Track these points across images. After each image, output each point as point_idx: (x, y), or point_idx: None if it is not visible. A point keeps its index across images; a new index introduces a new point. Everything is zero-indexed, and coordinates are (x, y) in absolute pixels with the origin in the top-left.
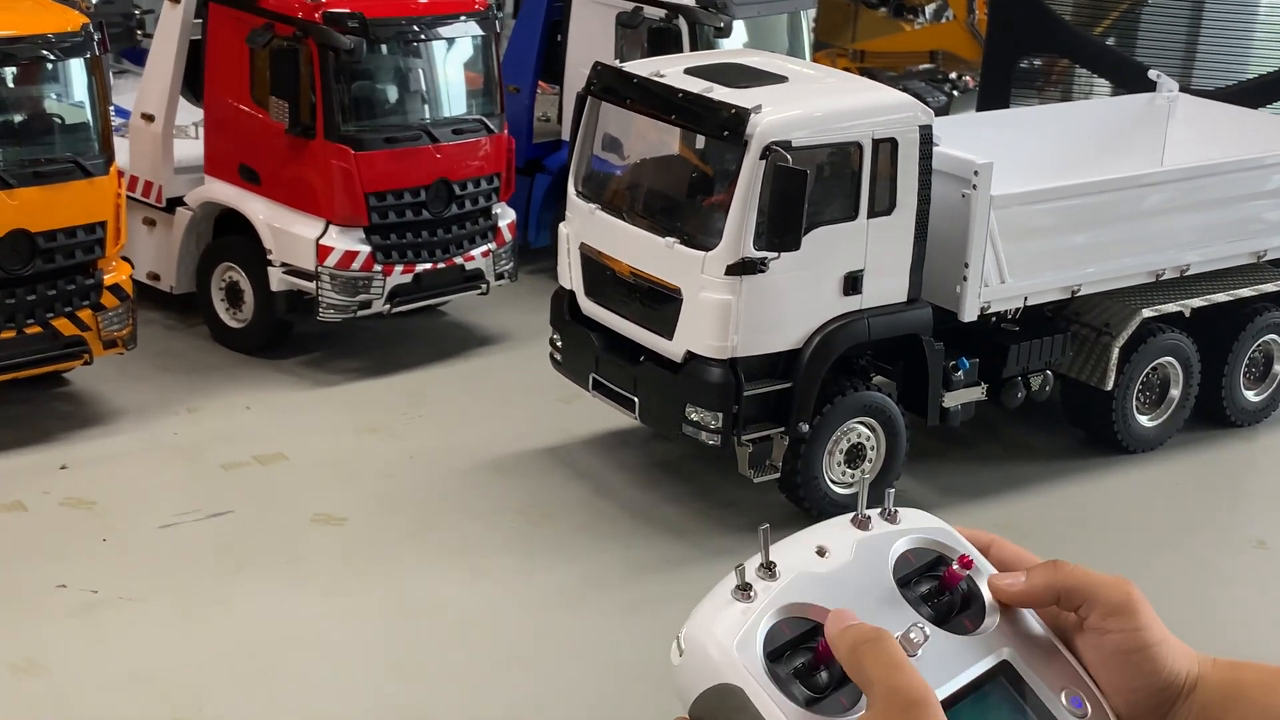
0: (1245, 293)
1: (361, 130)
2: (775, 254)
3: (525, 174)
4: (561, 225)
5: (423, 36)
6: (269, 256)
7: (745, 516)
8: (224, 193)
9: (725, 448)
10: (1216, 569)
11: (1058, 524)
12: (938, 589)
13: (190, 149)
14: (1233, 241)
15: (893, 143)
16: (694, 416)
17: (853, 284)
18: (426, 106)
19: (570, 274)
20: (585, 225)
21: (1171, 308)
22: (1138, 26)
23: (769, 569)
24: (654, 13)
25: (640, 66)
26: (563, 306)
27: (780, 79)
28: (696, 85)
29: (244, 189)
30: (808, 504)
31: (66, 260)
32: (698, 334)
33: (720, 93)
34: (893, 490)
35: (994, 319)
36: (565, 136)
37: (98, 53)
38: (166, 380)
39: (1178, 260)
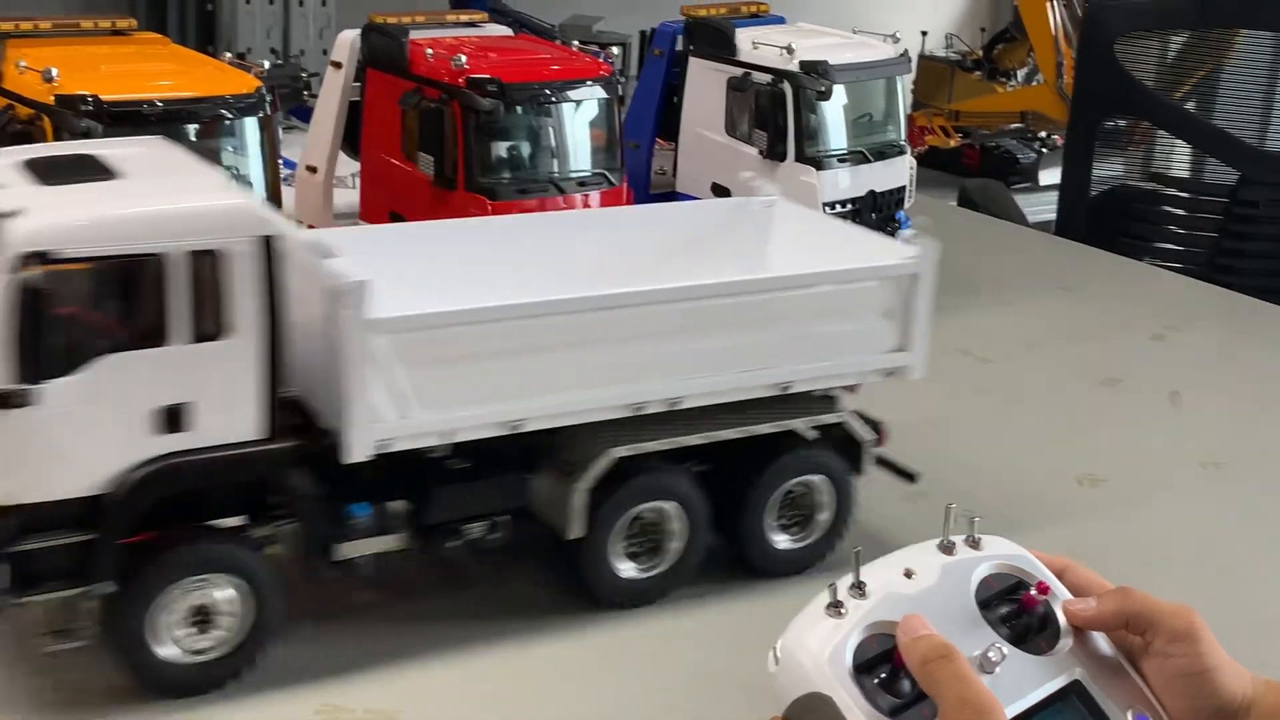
0: (764, 429)
1: (497, 182)
2: (36, 384)
3: None
4: None
5: (554, 100)
6: None
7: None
8: None
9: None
10: None
11: None
12: (1016, 612)
13: (348, 197)
14: (743, 371)
15: (216, 256)
16: None
17: (173, 420)
18: (555, 161)
19: None
20: None
21: (653, 446)
22: (1216, 91)
23: (859, 588)
24: (761, 78)
25: None
26: None
27: (112, 175)
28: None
29: None
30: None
31: None
32: None
33: (9, 192)
34: (978, 519)
35: (428, 454)
36: (679, 188)
37: (269, 112)
38: None
39: (662, 393)
